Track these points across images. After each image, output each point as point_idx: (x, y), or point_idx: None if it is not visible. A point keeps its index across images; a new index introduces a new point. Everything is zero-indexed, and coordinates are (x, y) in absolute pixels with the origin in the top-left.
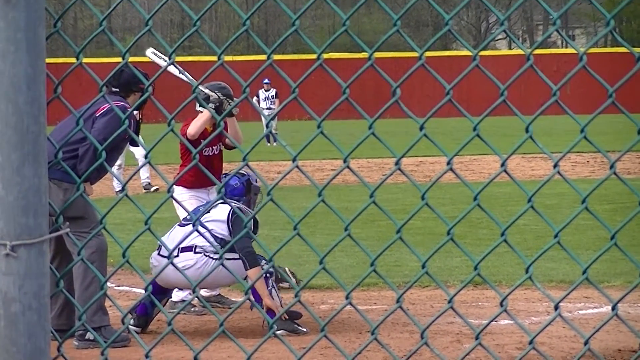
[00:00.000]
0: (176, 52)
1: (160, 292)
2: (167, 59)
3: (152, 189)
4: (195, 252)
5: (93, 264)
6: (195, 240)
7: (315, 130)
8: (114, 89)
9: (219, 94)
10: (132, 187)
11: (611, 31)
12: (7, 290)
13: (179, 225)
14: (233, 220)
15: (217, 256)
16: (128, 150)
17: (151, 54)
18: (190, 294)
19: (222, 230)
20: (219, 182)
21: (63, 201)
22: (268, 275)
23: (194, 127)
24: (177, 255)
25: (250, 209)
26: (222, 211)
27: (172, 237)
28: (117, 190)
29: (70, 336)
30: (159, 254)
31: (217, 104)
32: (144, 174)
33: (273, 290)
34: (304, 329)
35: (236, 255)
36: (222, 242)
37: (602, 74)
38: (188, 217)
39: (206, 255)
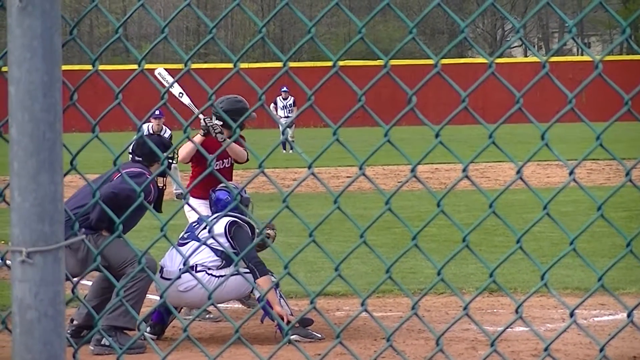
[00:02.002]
0: (192, 60)
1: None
2: (170, 80)
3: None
4: (196, 271)
5: (140, 281)
6: (195, 258)
7: (331, 137)
8: (137, 158)
9: (207, 121)
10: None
11: (627, 39)
12: (22, 297)
13: (178, 244)
14: (233, 233)
15: (218, 273)
16: None
17: (157, 74)
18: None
19: (223, 243)
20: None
21: (78, 261)
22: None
23: (181, 153)
24: (179, 277)
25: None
26: (219, 225)
27: (172, 256)
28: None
29: (87, 342)
30: (162, 276)
31: (206, 131)
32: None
33: (281, 299)
34: (318, 335)
35: (240, 270)
36: (222, 255)
37: (618, 81)
38: (185, 235)
39: (208, 274)
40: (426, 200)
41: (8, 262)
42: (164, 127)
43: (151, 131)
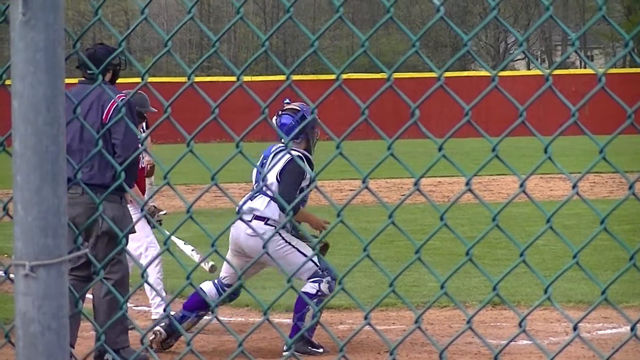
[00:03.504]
0: (195, 73)
1: (198, 307)
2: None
3: (161, 213)
4: (266, 224)
5: (120, 287)
6: (268, 212)
7: (334, 150)
8: (89, 72)
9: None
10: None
11: (630, 52)
12: (26, 310)
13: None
14: (286, 168)
15: (287, 236)
16: None
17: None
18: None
19: (274, 177)
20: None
21: (111, 217)
22: (320, 293)
23: None
24: (251, 221)
25: (311, 144)
26: (281, 161)
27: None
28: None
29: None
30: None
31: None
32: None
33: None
34: (319, 350)
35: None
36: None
37: (621, 94)
38: (255, 186)
39: (278, 233)
40: (429, 214)
41: (11, 275)
42: None
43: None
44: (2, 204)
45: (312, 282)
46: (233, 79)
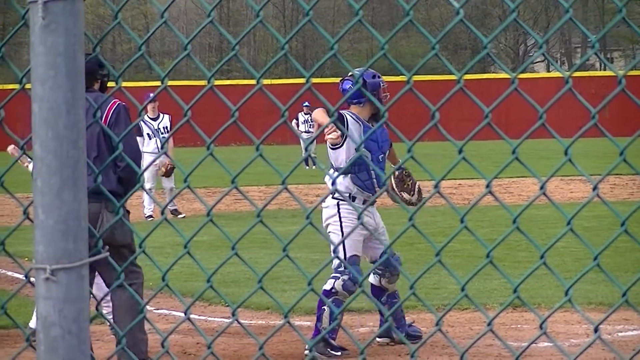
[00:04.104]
0: (215, 76)
1: (379, 296)
2: None
3: (179, 217)
4: (332, 197)
5: (140, 290)
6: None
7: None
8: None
9: None
10: (156, 212)
11: None
12: (47, 314)
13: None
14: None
15: (344, 212)
16: (159, 177)
17: None
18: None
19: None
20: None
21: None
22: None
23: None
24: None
25: (378, 107)
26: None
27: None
28: (146, 215)
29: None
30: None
31: None
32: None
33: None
34: (338, 353)
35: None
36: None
37: None
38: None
39: (338, 205)
40: (449, 216)
41: (32, 279)
42: (160, 113)
43: (148, 116)
44: (22, 207)
45: (331, 277)
46: (253, 82)
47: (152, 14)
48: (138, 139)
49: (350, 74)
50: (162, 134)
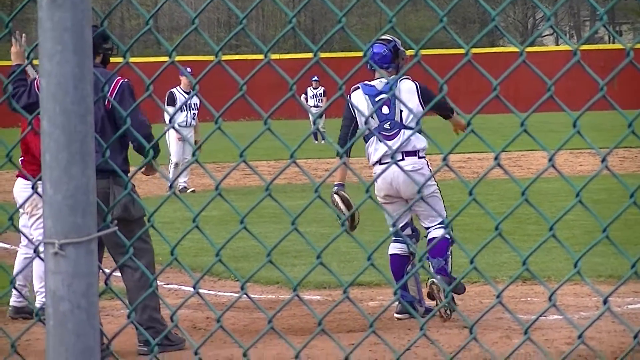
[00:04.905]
0: (223, 51)
1: (399, 268)
2: None
3: (189, 191)
4: (419, 157)
5: (152, 268)
6: (416, 143)
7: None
8: None
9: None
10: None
11: None
12: (55, 289)
13: (384, 137)
14: (424, 91)
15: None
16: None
17: None
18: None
19: (416, 108)
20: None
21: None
22: (452, 240)
23: None
24: (403, 159)
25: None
26: (407, 87)
27: (376, 149)
28: (181, 188)
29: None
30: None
31: None
32: (183, 176)
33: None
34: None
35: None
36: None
37: None
38: (387, 126)
39: (428, 165)
40: (458, 190)
41: (41, 254)
42: (191, 90)
43: (182, 89)
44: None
45: (442, 227)
46: (261, 57)
47: None
48: (169, 108)
49: (382, 37)
50: (192, 109)
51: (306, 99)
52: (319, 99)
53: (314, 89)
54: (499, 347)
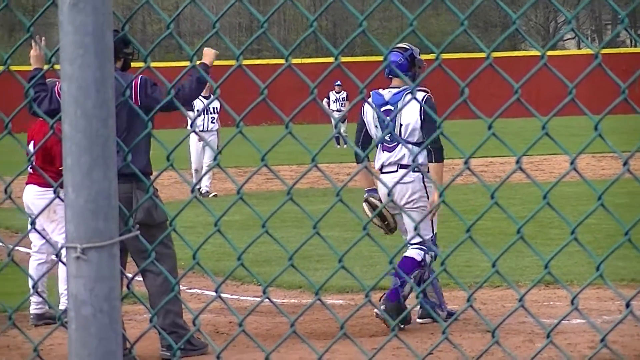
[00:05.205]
0: (244, 55)
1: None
2: None
3: (211, 195)
4: (414, 171)
5: (174, 273)
6: (408, 158)
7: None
8: None
9: None
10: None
11: None
12: (77, 293)
13: (384, 148)
14: (427, 109)
15: (427, 186)
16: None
17: None
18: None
19: (415, 123)
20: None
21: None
22: (424, 264)
23: None
24: (396, 171)
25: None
26: (412, 107)
27: (380, 157)
28: (203, 192)
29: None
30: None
31: None
32: (206, 180)
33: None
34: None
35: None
36: (417, 145)
37: None
38: (388, 138)
39: (423, 179)
40: (481, 194)
41: (63, 258)
42: (211, 93)
43: (202, 95)
44: (54, 186)
45: (417, 248)
46: (283, 61)
47: None
48: (189, 112)
49: (398, 45)
50: (211, 113)
51: (328, 103)
52: (342, 103)
53: (337, 93)
54: (522, 351)
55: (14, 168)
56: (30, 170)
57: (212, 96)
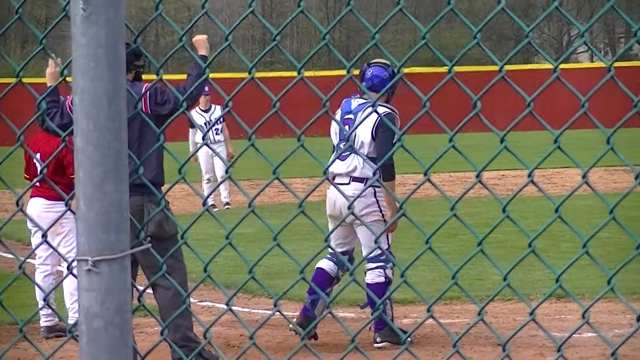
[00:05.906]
0: (257, 68)
1: (323, 286)
2: None
3: (224, 207)
4: (365, 185)
5: (185, 287)
6: (366, 171)
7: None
8: None
9: None
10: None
11: None
12: (89, 305)
13: (341, 157)
14: (381, 124)
15: (380, 200)
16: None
17: None
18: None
19: (365, 138)
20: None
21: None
22: (389, 280)
23: None
24: (348, 184)
25: (390, 101)
26: (369, 121)
27: (337, 165)
28: (210, 204)
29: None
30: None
31: None
32: (224, 191)
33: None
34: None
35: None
36: (372, 161)
37: None
38: (342, 145)
39: (375, 194)
40: (492, 207)
41: (74, 271)
42: (212, 105)
43: (200, 108)
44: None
45: (376, 268)
46: (295, 73)
47: (196, 7)
48: (190, 130)
49: (379, 61)
50: (214, 126)
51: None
52: None
53: None
54: None
55: (15, 180)
56: (37, 184)
57: (212, 108)
